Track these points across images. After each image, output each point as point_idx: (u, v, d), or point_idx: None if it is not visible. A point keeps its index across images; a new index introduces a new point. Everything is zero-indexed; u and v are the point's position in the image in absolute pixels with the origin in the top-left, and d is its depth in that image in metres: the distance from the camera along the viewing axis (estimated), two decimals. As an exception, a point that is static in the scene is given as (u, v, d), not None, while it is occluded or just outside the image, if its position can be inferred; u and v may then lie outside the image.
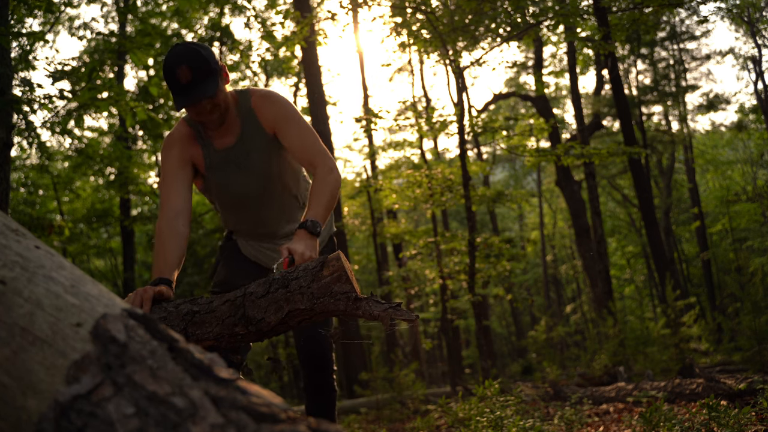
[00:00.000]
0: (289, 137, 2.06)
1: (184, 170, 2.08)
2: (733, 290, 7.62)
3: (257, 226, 2.29)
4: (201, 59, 1.91)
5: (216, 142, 2.12)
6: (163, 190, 2.06)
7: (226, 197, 2.22)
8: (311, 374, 2.29)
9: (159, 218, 2.02)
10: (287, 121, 2.07)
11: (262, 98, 2.11)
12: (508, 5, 7.32)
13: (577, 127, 11.41)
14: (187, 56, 1.90)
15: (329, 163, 2.01)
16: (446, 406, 3.96)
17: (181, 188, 2.05)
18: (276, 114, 2.08)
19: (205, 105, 1.96)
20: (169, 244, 1.94)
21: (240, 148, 2.11)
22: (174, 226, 1.97)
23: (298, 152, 2.05)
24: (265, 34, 12.44)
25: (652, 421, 2.83)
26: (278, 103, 2.10)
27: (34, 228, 9.09)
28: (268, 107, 2.09)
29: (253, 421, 0.65)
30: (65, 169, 13.61)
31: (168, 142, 2.13)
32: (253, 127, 2.10)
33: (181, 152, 2.09)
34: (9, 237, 0.96)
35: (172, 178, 2.06)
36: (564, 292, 25.13)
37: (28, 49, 6.35)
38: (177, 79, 1.90)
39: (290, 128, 2.06)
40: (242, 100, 2.11)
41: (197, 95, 1.91)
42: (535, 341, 12.69)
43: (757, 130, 18.24)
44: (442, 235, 9.27)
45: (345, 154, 27.92)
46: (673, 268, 12.21)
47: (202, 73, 1.91)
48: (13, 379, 0.78)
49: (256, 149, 2.11)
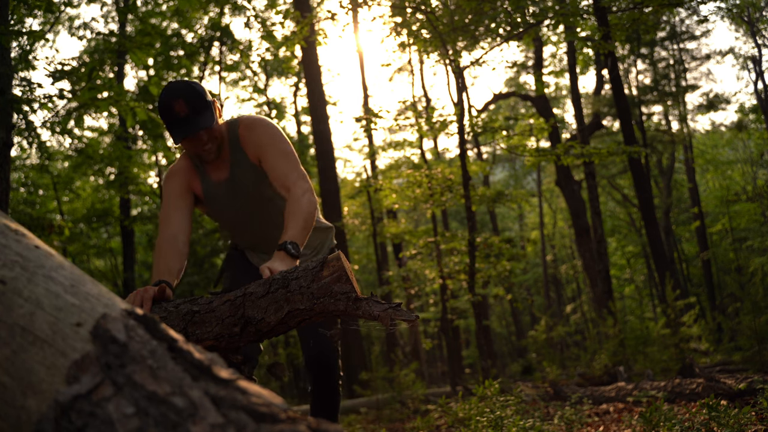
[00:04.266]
0: (267, 162, 2.11)
1: (184, 199, 2.17)
2: (733, 290, 7.63)
3: (257, 244, 2.38)
4: (196, 93, 2.00)
5: (212, 175, 2.21)
6: (164, 215, 2.14)
7: (223, 222, 2.33)
8: (317, 378, 2.34)
9: (159, 236, 2.09)
10: (267, 147, 2.11)
11: (247, 128, 2.16)
12: (508, 5, 7.32)
13: (577, 127, 11.41)
14: (182, 91, 1.99)
15: (303, 186, 2.04)
16: (446, 405, 3.96)
17: (181, 215, 2.14)
18: (257, 142, 2.13)
19: (202, 136, 2.04)
20: (170, 255, 2.01)
21: (232, 181, 2.19)
22: (174, 243, 2.04)
23: (273, 178, 2.10)
24: (265, 34, 12.44)
25: (652, 420, 2.83)
26: (258, 131, 2.14)
27: (34, 228, 9.09)
28: (250, 136, 2.14)
29: (253, 421, 0.65)
30: (65, 169, 13.61)
31: (170, 173, 2.22)
32: (241, 158, 2.17)
33: (182, 182, 2.19)
34: (9, 237, 0.96)
35: (172, 206, 2.14)
36: (564, 292, 25.13)
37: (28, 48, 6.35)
38: (175, 112, 1.98)
39: (268, 155, 2.11)
40: (231, 131, 2.18)
41: (195, 127, 1.99)
42: (535, 341, 12.69)
43: (757, 130, 18.23)
44: (442, 235, 9.27)
45: (345, 154, 27.95)
46: (673, 268, 12.21)
47: (197, 106, 1.99)
48: (13, 379, 0.78)
49: (246, 180, 2.18)
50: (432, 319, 19.83)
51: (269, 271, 1.75)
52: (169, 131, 2.04)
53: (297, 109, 16.87)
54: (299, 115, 16.84)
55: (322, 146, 10.39)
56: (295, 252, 1.86)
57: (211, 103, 2.05)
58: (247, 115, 2.26)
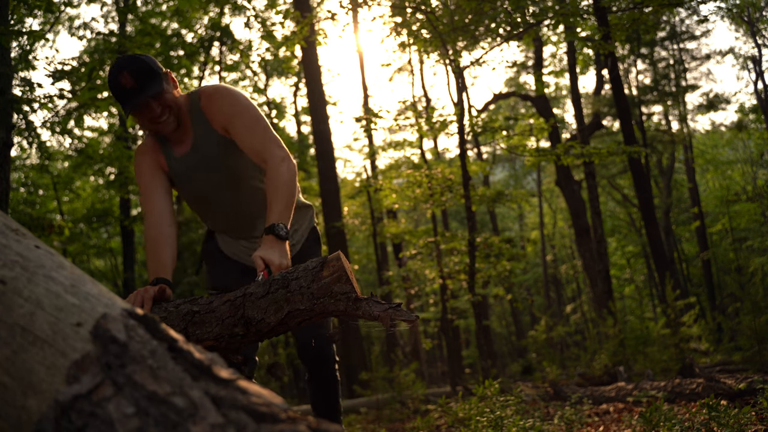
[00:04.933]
0: (237, 133, 2.02)
1: (157, 177, 2.10)
2: (733, 290, 7.63)
3: (232, 226, 2.26)
4: (141, 63, 1.94)
5: (175, 150, 2.12)
6: (144, 201, 2.08)
7: (194, 202, 2.22)
8: (312, 368, 2.31)
9: (146, 226, 2.04)
10: (234, 117, 2.02)
11: (209, 98, 2.07)
12: (508, 5, 7.32)
13: (577, 127, 11.41)
14: (127, 63, 1.94)
15: (280, 154, 1.95)
16: (446, 405, 3.96)
17: (159, 194, 2.07)
18: (223, 111, 2.03)
19: (153, 108, 1.96)
20: (160, 246, 1.97)
21: (195, 154, 2.09)
22: (160, 229, 2.00)
23: (247, 147, 2.00)
24: (265, 34, 12.45)
25: (652, 420, 2.83)
26: (224, 99, 2.05)
27: (34, 228, 9.09)
28: (215, 105, 2.05)
29: (253, 420, 0.65)
30: (65, 169, 13.61)
31: (137, 154, 2.14)
32: (204, 129, 2.07)
33: (150, 161, 2.11)
34: (9, 237, 0.96)
35: (147, 188, 2.08)
36: (564, 292, 25.13)
37: (28, 48, 6.35)
38: (121, 85, 1.92)
39: (238, 123, 2.01)
40: (192, 102, 2.10)
41: (142, 97, 1.92)
42: (535, 341, 12.68)
43: (757, 130, 18.23)
44: (442, 234, 9.26)
45: (345, 154, 27.96)
46: (673, 268, 12.21)
47: (143, 76, 1.93)
48: (13, 378, 0.78)
49: (210, 153, 2.08)
50: (432, 319, 19.83)
51: (262, 262, 1.72)
52: (119, 103, 1.97)
53: (297, 109, 16.88)
54: (299, 115, 16.84)
55: (322, 146, 10.39)
56: (285, 234, 1.81)
57: (160, 73, 1.98)
58: (208, 84, 2.18)
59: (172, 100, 2.01)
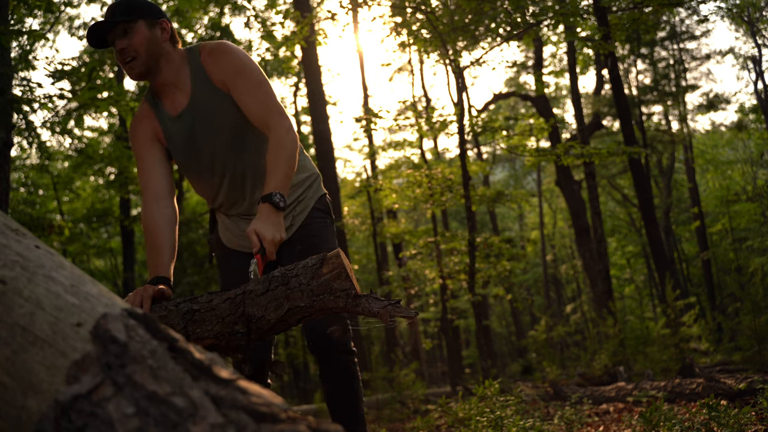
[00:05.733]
0: (239, 94, 1.92)
1: (154, 147, 1.99)
2: (733, 290, 7.63)
3: (233, 196, 2.10)
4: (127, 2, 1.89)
5: (170, 110, 1.99)
6: (141, 176, 1.98)
7: (189, 169, 2.07)
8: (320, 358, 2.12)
9: (143, 207, 1.94)
10: (236, 76, 1.92)
11: (211, 53, 1.96)
12: (508, 5, 7.32)
13: (577, 127, 11.41)
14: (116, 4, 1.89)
15: (285, 123, 1.89)
16: (446, 405, 3.96)
17: (157, 168, 1.97)
18: (225, 68, 1.93)
19: (120, 41, 1.87)
20: (160, 236, 1.88)
21: (193, 111, 1.97)
22: (160, 212, 1.91)
23: (249, 110, 1.92)
24: (265, 34, 12.44)
25: (652, 420, 2.83)
26: (227, 56, 1.94)
27: (34, 228, 9.09)
28: (216, 62, 1.94)
29: (253, 421, 0.65)
30: (65, 169, 13.61)
31: (132, 124, 2.04)
32: (204, 85, 1.96)
33: (146, 130, 2.00)
34: (9, 237, 0.96)
35: (145, 160, 1.98)
36: (564, 292, 25.13)
37: (28, 48, 6.35)
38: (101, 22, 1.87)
39: (240, 83, 1.92)
40: (192, 57, 1.99)
41: (101, 24, 1.85)
42: (535, 341, 12.68)
43: (757, 130, 18.23)
44: (442, 234, 9.26)
45: (345, 154, 27.96)
46: (673, 268, 12.21)
47: (122, 8, 1.87)
48: (13, 378, 0.78)
49: (210, 110, 1.96)
50: (432, 319, 19.84)
51: (255, 235, 1.68)
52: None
53: (297, 109, 16.88)
54: (299, 115, 16.84)
55: (322, 146, 10.39)
56: (282, 204, 1.76)
57: (143, 10, 1.89)
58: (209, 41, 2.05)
59: (149, 45, 1.89)
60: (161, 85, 1.99)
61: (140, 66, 1.90)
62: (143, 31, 1.89)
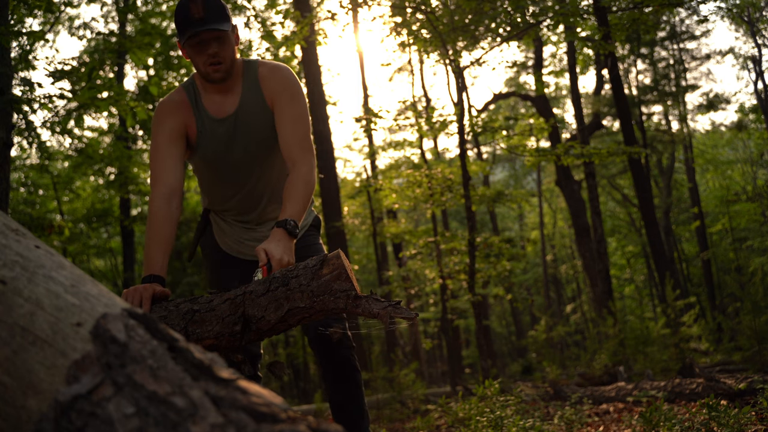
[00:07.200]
0: (281, 117, 1.99)
1: (177, 144, 2.00)
2: (733, 290, 7.62)
3: (245, 206, 2.16)
4: (216, 1, 1.90)
5: (212, 110, 2.03)
6: (156, 165, 1.98)
7: (216, 170, 2.10)
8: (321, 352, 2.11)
9: (152, 196, 1.94)
10: (287, 100, 1.99)
11: (271, 70, 2.04)
12: (508, 5, 7.32)
13: (577, 127, 11.41)
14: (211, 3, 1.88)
15: (312, 162, 1.94)
16: (446, 405, 3.96)
17: (175, 164, 1.98)
18: (279, 88, 2.01)
19: (211, 43, 1.90)
20: (164, 230, 1.90)
21: (238, 118, 2.02)
22: (170, 210, 1.93)
23: (284, 136, 1.97)
24: (265, 34, 12.42)
25: (652, 420, 2.83)
26: (285, 79, 2.02)
27: (34, 228, 9.09)
28: (275, 78, 2.02)
29: (253, 420, 0.65)
30: (65, 169, 13.61)
31: (161, 111, 2.02)
32: (255, 97, 2.02)
33: (175, 123, 2.00)
34: (9, 237, 0.96)
35: (165, 153, 1.98)
36: (564, 292, 25.13)
37: (28, 48, 6.34)
38: (191, 14, 1.85)
39: (287, 108, 1.99)
40: (249, 69, 2.05)
41: (207, 27, 1.85)
42: (535, 341, 12.68)
43: (757, 130, 18.23)
44: (442, 234, 9.26)
45: (345, 154, 27.92)
46: (673, 268, 12.21)
47: (214, 11, 1.88)
48: (13, 378, 0.78)
49: (255, 121, 2.03)
50: (432, 319, 19.84)
51: (265, 254, 1.70)
52: (180, 33, 1.89)
53: (297, 109, 16.85)
54: (299, 115, 16.81)
55: (322, 146, 10.39)
56: (295, 232, 1.79)
57: (230, 18, 1.94)
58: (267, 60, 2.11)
59: (232, 52, 1.96)
60: (217, 86, 2.02)
61: (223, 72, 1.96)
62: (232, 41, 1.96)
